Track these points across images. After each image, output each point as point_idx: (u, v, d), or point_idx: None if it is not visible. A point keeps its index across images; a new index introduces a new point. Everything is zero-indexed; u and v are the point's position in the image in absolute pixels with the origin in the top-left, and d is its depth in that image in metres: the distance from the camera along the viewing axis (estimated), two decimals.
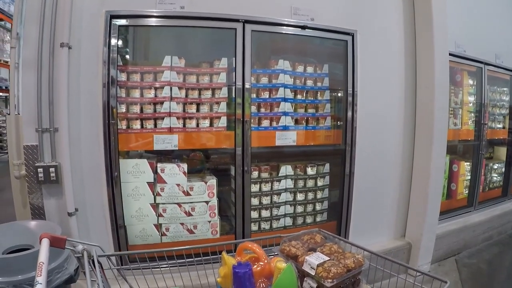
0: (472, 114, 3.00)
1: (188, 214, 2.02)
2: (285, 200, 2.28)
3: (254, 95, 2.12)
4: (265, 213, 2.23)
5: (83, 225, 1.71)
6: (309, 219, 2.39)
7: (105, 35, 1.62)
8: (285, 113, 2.17)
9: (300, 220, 2.36)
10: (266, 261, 0.93)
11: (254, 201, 2.19)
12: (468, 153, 3.10)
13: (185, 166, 1.99)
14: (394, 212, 2.40)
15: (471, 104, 2.99)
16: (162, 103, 1.93)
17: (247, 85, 1.91)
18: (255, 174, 2.18)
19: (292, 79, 2.23)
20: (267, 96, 2.15)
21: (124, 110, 1.89)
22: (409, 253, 2.36)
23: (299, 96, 2.26)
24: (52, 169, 1.54)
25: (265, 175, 2.21)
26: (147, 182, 1.93)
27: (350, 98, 2.16)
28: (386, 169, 2.33)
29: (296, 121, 2.25)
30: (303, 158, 2.48)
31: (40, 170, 1.52)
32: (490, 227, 2.88)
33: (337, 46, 2.26)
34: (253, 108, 2.10)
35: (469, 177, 3.02)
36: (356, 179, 2.18)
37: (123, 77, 1.90)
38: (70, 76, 1.59)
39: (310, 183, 2.36)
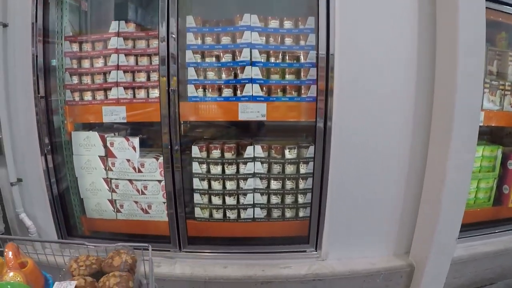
0: None
1: (141, 193, 2.14)
2: (254, 188, 2.18)
3: (213, 59, 2.07)
4: (229, 200, 2.21)
5: (28, 195, 2.02)
6: (288, 213, 2.22)
7: (32, 7, 1.81)
8: (252, 80, 2.05)
9: (276, 213, 2.22)
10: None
11: (215, 185, 2.18)
12: None
13: (135, 141, 2.08)
14: (397, 219, 1.97)
15: None
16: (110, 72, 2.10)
17: (171, 48, 1.84)
18: (216, 153, 2.16)
19: (264, 38, 2.06)
20: (230, 59, 2.07)
21: (76, 82, 2.14)
22: (410, 279, 1.93)
23: (272, 59, 2.08)
24: None
25: (228, 155, 2.18)
26: (99, 156, 2.12)
27: (322, 63, 1.84)
28: (386, 161, 1.90)
29: (269, 91, 2.10)
30: (283, 138, 2.31)
31: None
32: None
33: None
34: (211, 75, 2.06)
35: None
36: (335, 168, 1.85)
37: (74, 47, 2.12)
38: (8, 53, 1.86)
39: (290, 169, 2.19)
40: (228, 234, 2.19)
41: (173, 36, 1.84)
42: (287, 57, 2.05)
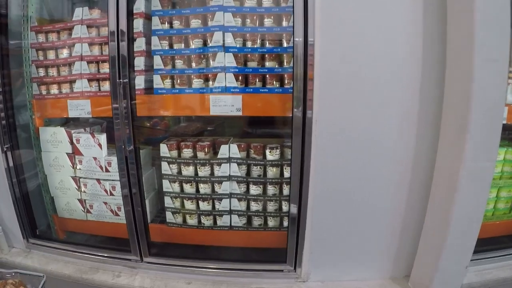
0: None
1: (109, 193, 2.01)
2: (230, 192, 1.98)
3: (182, 45, 1.87)
4: (203, 205, 2.02)
5: None
6: (271, 222, 2.00)
7: None
8: (225, 69, 1.83)
9: (257, 222, 1.99)
10: None
11: (188, 189, 2.01)
12: None
13: (100, 138, 1.95)
14: (396, 236, 1.65)
15: None
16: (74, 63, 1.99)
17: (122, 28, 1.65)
18: (187, 152, 1.97)
19: (239, 19, 1.83)
20: (201, 45, 1.87)
21: (43, 74, 2.07)
22: None
23: (249, 44, 1.85)
24: None
25: (201, 154, 1.98)
26: (67, 153, 2.03)
27: (298, 50, 1.55)
28: (383, 163, 1.59)
29: (246, 81, 1.87)
30: (266, 135, 2.07)
31: None
32: None
33: None
34: (179, 63, 1.87)
35: None
36: (317, 171, 1.58)
37: (40, 38, 2.02)
38: None
39: (271, 172, 1.95)
40: (202, 242, 2.01)
41: None
42: (266, 42, 1.81)
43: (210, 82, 1.82)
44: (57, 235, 2.21)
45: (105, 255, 1.92)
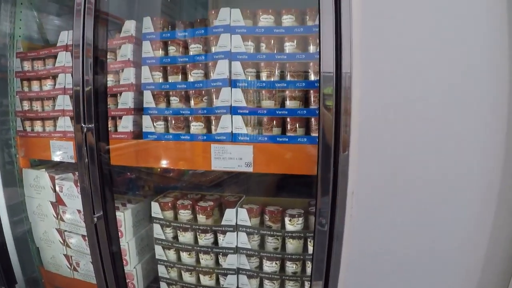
0: None
1: None
2: (237, 267, 1.55)
3: (179, 78, 1.49)
4: (205, 280, 1.62)
5: None
6: None
7: None
8: (232, 109, 1.40)
9: None
10: None
11: (186, 258, 1.61)
12: None
13: None
14: None
15: None
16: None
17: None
18: (185, 214, 1.58)
19: (251, 44, 1.39)
20: (201, 77, 1.46)
21: (27, 108, 1.82)
22: None
23: (263, 76, 1.40)
24: None
25: (202, 219, 1.58)
26: (50, 201, 1.80)
27: (325, 88, 1.03)
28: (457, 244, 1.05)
29: (259, 127, 1.43)
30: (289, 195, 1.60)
31: None
32: None
33: None
34: (175, 102, 1.49)
35: None
36: (354, 257, 1.11)
37: (26, 66, 1.77)
38: None
39: (292, 245, 1.48)
40: None
41: None
42: (287, 73, 1.36)
43: (213, 127, 1.41)
44: None
45: None
